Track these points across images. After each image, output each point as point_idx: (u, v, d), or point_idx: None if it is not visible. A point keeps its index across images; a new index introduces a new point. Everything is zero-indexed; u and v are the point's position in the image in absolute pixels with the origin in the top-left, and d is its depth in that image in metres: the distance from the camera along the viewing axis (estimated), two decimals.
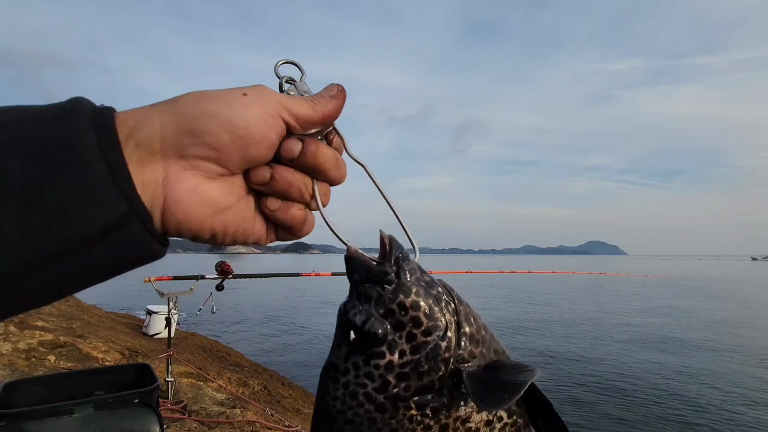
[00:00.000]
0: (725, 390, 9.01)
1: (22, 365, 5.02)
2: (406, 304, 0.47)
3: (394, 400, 0.46)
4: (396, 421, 0.46)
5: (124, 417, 2.40)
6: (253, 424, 4.44)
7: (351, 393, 0.46)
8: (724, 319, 17.90)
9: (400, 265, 0.48)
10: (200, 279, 4.84)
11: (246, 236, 0.44)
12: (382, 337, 0.46)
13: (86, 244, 0.33)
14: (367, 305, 0.47)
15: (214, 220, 0.41)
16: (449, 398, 0.47)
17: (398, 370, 0.46)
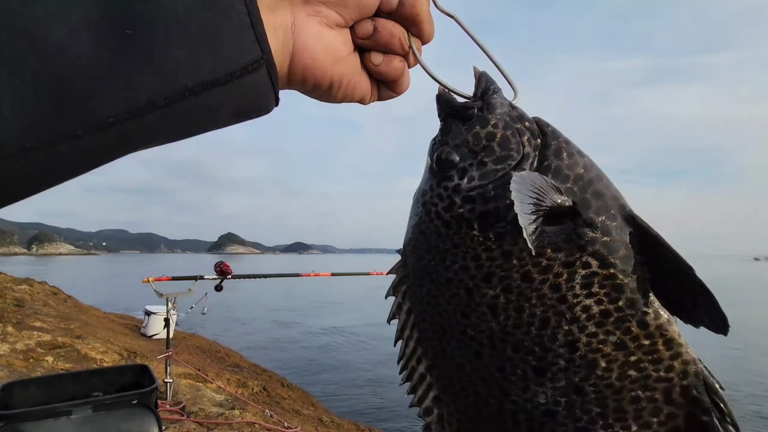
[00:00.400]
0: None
1: (20, 366, 5.00)
2: (480, 134, 0.50)
3: (458, 218, 0.49)
4: (458, 238, 0.49)
5: (122, 418, 2.39)
6: (252, 425, 4.43)
7: (426, 210, 0.52)
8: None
9: (486, 99, 0.51)
10: (199, 279, 4.83)
11: (355, 90, 0.47)
12: (453, 164, 0.50)
13: (226, 80, 0.35)
14: (446, 136, 0.52)
15: (334, 69, 0.44)
16: (516, 228, 0.44)
17: (465, 194, 0.49)
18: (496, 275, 0.48)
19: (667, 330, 0.46)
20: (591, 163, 0.49)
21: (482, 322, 0.49)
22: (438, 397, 0.54)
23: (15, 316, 6.92)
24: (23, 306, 8.05)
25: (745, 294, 31.51)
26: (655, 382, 0.46)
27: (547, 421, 0.48)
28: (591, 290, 0.45)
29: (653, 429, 0.46)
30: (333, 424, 5.86)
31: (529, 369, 0.48)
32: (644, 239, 0.46)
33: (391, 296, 0.56)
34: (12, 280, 11.01)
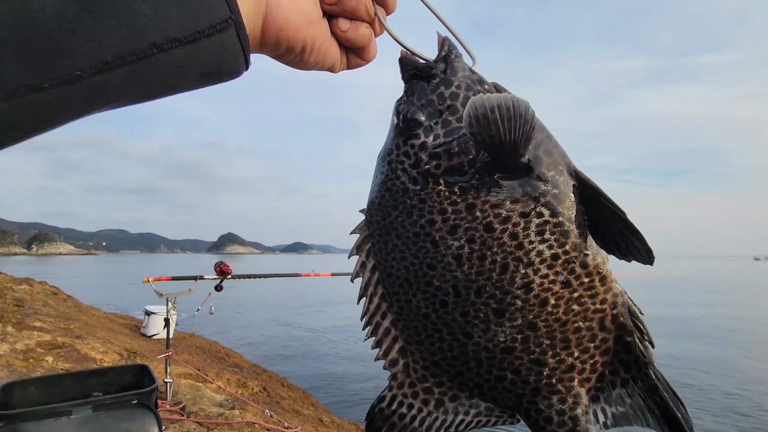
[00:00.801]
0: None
1: (20, 366, 5.00)
2: (445, 94, 0.53)
3: (425, 174, 0.53)
4: (425, 193, 0.53)
5: (122, 418, 2.39)
6: (252, 426, 4.43)
7: (392, 168, 0.55)
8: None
9: (449, 62, 0.55)
10: (199, 279, 4.82)
11: (326, 55, 0.49)
12: (419, 123, 0.53)
13: (195, 38, 0.36)
14: (411, 97, 0.55)
15: (307, 31, 0.46)
16: (479, 182, 0.51)
17: (431, 150, 0.53)
18: (461, 227, 0.52)
19: (602, 269, 0.53)
20: (542, 126, 0.53)
21: (448, 272, 0.53)
22: (403, 348, 0.58)
23: (15, 316, 6.92)
24: (23, 306, 8.05)
25: (745, 294, 31.50)
26: (593, 313, 0.53)
27: (506, 356, 0.54)
28: (544, 236, 0.51)
29: (590, 353, 0.53)
30: (333, 424, 5.86)
31: (490, 311, 0.53)
32: (586, 191, 0.52)
33: (355, 255, 0.59)
34: (12, 280, 11.01)
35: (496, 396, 0.56)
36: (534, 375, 0.53)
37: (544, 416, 0.53)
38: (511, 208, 0.51)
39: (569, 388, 0.53)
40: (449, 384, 0.57)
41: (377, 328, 0.58)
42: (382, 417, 0.58)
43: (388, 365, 0.59)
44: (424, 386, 0.58)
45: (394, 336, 0.58)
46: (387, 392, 0.59)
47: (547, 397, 0.53)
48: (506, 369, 0.54)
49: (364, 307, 0.59)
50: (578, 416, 0.53)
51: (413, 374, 0.58)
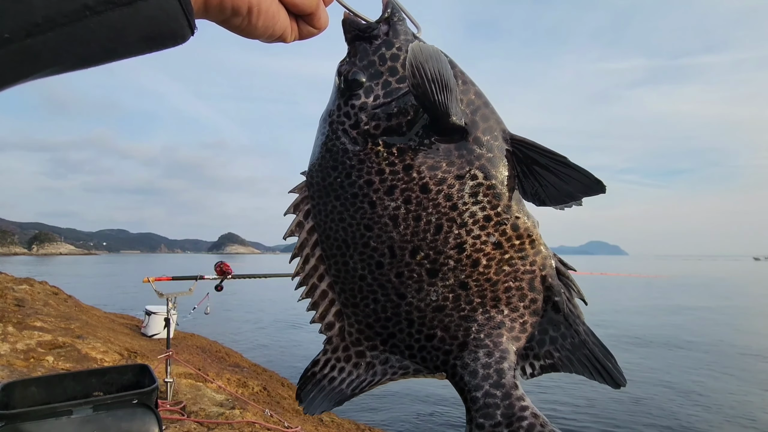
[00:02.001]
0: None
1: (21, 366, 5.00)
2: (386, 55, 0.53)
3: (364, 135, 0.53)
4: (364, 154, 0.53)
5: (122, 418, 2.39)
6: (252, 425, 4.43)
7: (333, 129, 0.55)
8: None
9: (391, 24, 0.55)
10: (199, 279, 4.83)
11: (275, 20, 0.48)
12: (360, 83, 0.53)
13: (130, 1, 0.35)
14: (354, 58, 0.55)
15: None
16: (417, 143, 0.52)
17: (371, 111, 0.53)
18: (398, 187, 0.52)
19: (532, 232, 0.54)
20: (480, 92, 0.54)
21: (384, 233, 0.53)
22: (339, 312, 0.58)
23: (15, 316, 6.92)
24: (24, 306, 8.05)
25: (746, 294, 31.48)
26: (523, 274, 0.54)
27: (437, 314, 0.54)
28: (477, 198, 0.52)
29: (520, 311, 0.54)
30: (333, 423, 5.86)
31: (423, 271, 0.53)
32: (522, 149, 0.53)
33: (291, 214, 0.58)
34: (12, 280, 11.01)
35: (426, 356, 0.56)
36: (462, 331, 0.54)
37: (470, 370, 0.53)
38: (447, 170, 0.52)
39: (497, 343, 0.53)
40: (381, 348, 0.57)
41: (313, 290, 0.58)
42: (314, 380, 0.58)
43: (324, 329, 0.59)
44: (357, 350, 0.58)
45: (331, 299, 0.58)
46: (321, 356, 0.59)
47: (474, 351, 0.53)
48: (436, 327, 0.54)
49: (298, 267, 0.58)
50: (504, 370, 0.52)
51: (348, 338, 0.58)
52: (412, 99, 0.51)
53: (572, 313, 0.55)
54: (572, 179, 0.52)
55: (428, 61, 0.48)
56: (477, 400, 0.51)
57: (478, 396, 0.52)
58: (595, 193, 0.52)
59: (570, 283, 0.56)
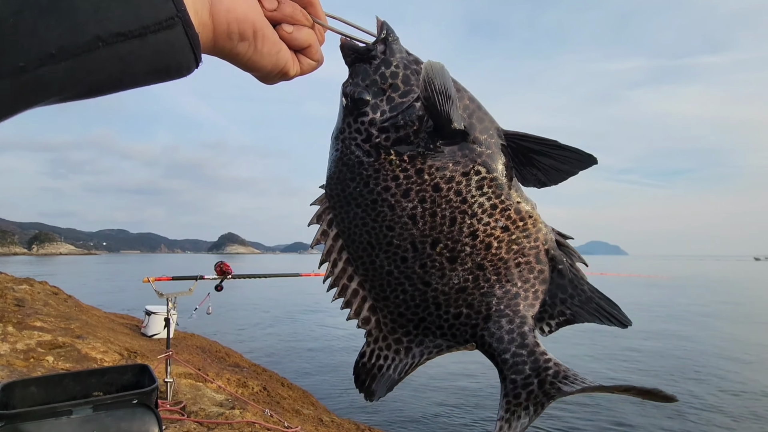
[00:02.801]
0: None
1: (21, 366, 5.00)
2: (386, 74, 0.59)
3: (377, 147, 0.59)
4: (379, 164, 0.59)
5: (122, 418, 2.39)
6: (252, 425, 4.43)
7: (346, 145, 0.60)
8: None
9: (387, 44, 0.60)
10: (199, 279, 4.82)
11: (278, 48, 0.53)
12: (365, 101, 0.59)
13: (140, 33, 0.38)
14: (356, 78, 0.60)
15: (255, 15, 0.50)
16: (425, 149, 0.58)
17: (379, 125, 0.59)
18: (413, 190, 0.59)
19: (533, 213, 0.62)
20: (473, 97, 0.61)
21: (405, 230, 0.60)
22: (372, 306, 0.65)
23: (15, 316, 6.92)
24: (24, 306, 8.05)
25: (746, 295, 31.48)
26: (529, 250, 0.62)
27: (461, 294, 0.61)
28: (482, 190, 0.59)
29: (531, 282, 0.62)
30: (333, 423, 5.86)
31: (444, 260, 0.60)
32: (516, 141, 0.61)
33: (315, 224, 0.65)
34: (12, 280, 11.01)
35: (456, 333, 0.63)
36: (485, 306, 0.61)
37: (497, 337, 0.60)
38: (453, 169, 0.59)
39: (516, 311, 0.61)
40: (415, 332, 0.64)
41: (345, 290, 0.65)
42: (365, 371, 0.65)
43: (361, 323, 0.65)
44: (394, 337, 0.65)
45: (363, 296, 0.65)
46: (366, 348, 0.66)
47: (498, 321, 0.61)
48: (461, 305, 0.62)
49: (327, 271, 0.65)
50: (525, 332, 0.60)
51: (384, 328, 0.65)
52: (416, 111, 0.58)
53: (576, 276, 0.62)
54: (567, 158, 0.60)
55: (436, 77, 0.55)
56: (507, 361, 0.59)
57: (507, 357, 0.59)
58: (589, 165, 0.60)
59: (570, 251, 0.64)
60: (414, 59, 0.61)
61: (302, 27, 0.55)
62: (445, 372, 9.58)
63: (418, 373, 0.66)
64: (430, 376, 9.21)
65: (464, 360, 10.90)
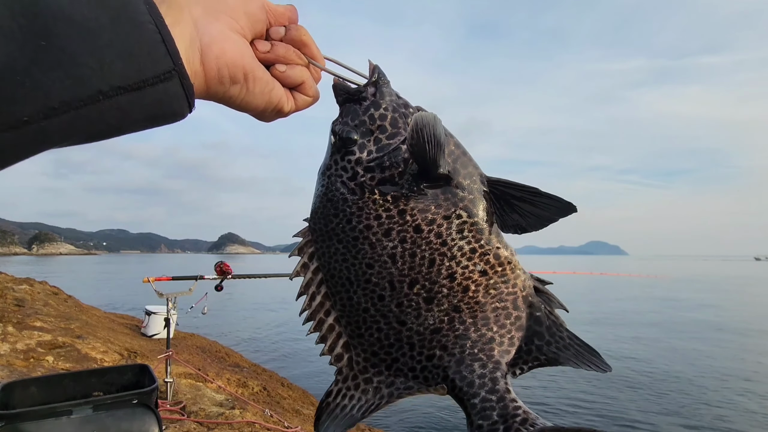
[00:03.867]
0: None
1: (21, 366, 5.00)
2: (375, 115, 0.61)
3: (361, 186, 0.60)
4: (362, 202, 0.60)
5: (122, 418, 2.39)
6: (252, 425, 4.43)
7: (331, 181, 0.62)
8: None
9: (378, 87, 0.62)
10: (199, 279, 4.82)
11: (270, 87, 0.55)
12: (353, 141, 0.61)
13: (140, 86, 0.40)
14: (346, 118, 0.62)
15: (245, 60, 0.51)
16: (408, 191, 0.60)
17: (365, 164, 0.60)
18: (395, 229, 0.60)
19: (511, 259, 0.63)
20: (458, 142, 0.63)
21: (384, 269, 0.61)
22: (347, 343, 0.65)
23: (15, 316, 6.92)
24: (24, 306, 8.06)
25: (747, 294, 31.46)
26: (507, 295, 0.62)
27: (435, 336, 0.62)
28: (463, 234, 0.60)
29: (507, 328, 0.62)
30: None
31: (421, 300, 0.61)
32: (498, 188, 0.62)
33: (296, 256, 0.66)
34: (12, 280, 11.01)
35: (428, 375, 0.62)
36: (459, 348, 0.61)
37: (468, 381, 0.60)
38: (435, 212, 0.60)
39: (490, 356, 0.61)
40: (387, 372, 0.64)
41: (321, 324, 0.66)
42: (327, 411, 0.64)
43: (333, 360, 0.65)
44: (365, 377, 0.65)
45: (338, 332, 0.66)
46: (334, 386, 0.65)
47: (470, 365, 0.60)
48: (435, 347, 0.62)
49: (305, 304, 0.65)
50: (497, 378, 0.59)
51: (356, 367, 0.65)
52: (401, 153, 0.60)
53: (554, 324, 0.63)
54: (547, 206, 0.61)
55: (426, 126, 0.57)
56: (475, 406, 0.58)
57: (476, 402, 0.58)
58: (569, 213, 0.61)
59: (549, 297, 0.64)
60: (403, 103, 0.63)
61: (295, 66, 0.57)
62: None
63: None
64: None
65: None
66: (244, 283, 5.43)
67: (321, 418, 0.64)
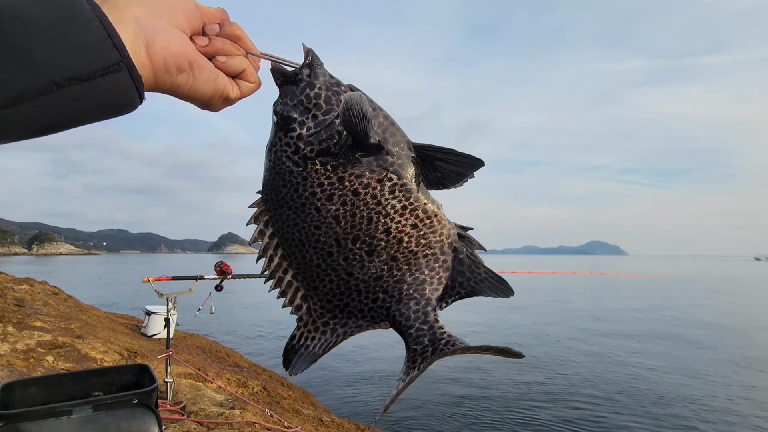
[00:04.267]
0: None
1: (21, 366, 5.00)
2: (311, 95, 0.68)
3: (304, 158, 0.68)
4: (306, 172, 0.68)
5: (122, 418, 2.39)
6: (252, 425, 4.43)
7: (278, 156, 0.70)
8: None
9: (312, 68, 0.69)
10: (199, 279, 4.82)
11: (216, 79, 0.60)
12: (293, 119, 0.68)
13: (91, 77, 0.44)
14: (285, 98, 0.69)
15: (189, 50, 0.56)
16: (345, 160, 0.68)
17: (306, 139, 0.68)
18: (336, 194, 0.69)
19: (437, 212, 0.73)
20: (387, 115, 0.71)
21: (330, 229, 0.70)
22: (304, 295, 0.75)
23: (15, 316, 6.92)
24: (24, 306, 8.05)
25: (747, 295, 31.46)
26: (435, 243, 0.73)
27: (378, 282, 0.72)
28: (395, 194, 0.70)
29: (436, 270, 0.73)
30: (333, 423, 5.86)
31: (363, 253, 0.71)
32: (422, 153, 0.71)
33: (253, 224, 0.74)
34: (12, 280, 11.01)
35: (374, 315, 0.74)
36: (398, 291, 0.72)
37: (405, 316, 0.71)
38: (369, 176, 0.69)
39: (422, 294, 0.72)
40: (340, 315, 0.75)
41: (280, 282, 0.75)
42: (294, 351, 0.75)
43: (294, 310, 0.76)
44: (322, 321, 0.76)
45: (296, 287, 0.75)
46: (296, 331, 0.76)
47: (407, 303, 0.72)
48: (378, 291, 0.73)
49: (264, 266, 0.75)
50: (429, 311, 0.71)
51: (314, 314, 0.76)
52: (335, 127, 0.68)
53: (474, 262, 0.75)
54: (461, 163, 0.71)
55: (354, 104, 0.64)
56: (411, 335, 0.70)
57: (412, 332, 0.70)
58: (478, 167, 0.71)
59: (470, 241, 0.75)
60: (336, 82, 0.70)
61: (234, 56, 0.62)
62: (445, 372, 9.58)
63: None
64: (430, 378, 9.21)
65: (464, 360, 10.90)
66: (244, 283, 5.43)
67: (290, 358, 0.75)
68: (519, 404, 7.96)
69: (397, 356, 11.40)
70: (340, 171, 0.68)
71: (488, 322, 16.95)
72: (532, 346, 12.65)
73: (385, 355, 11.35)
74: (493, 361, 10.87)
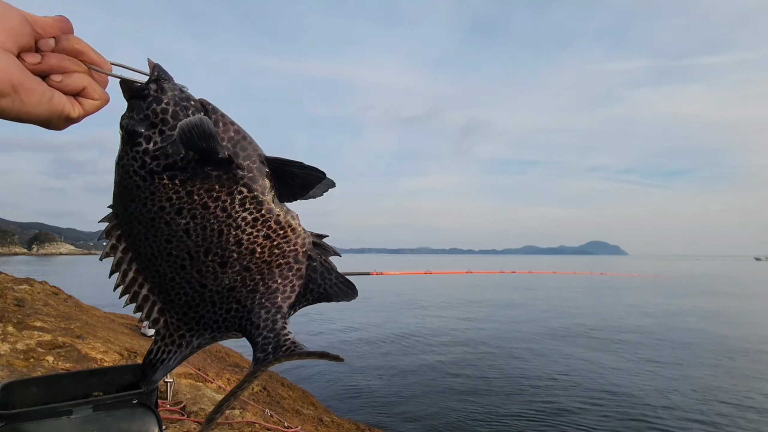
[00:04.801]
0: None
1: (21, 366, 5.00)
2: (157, 110, 0.68)
3: (151, 173, 0.68)
4: (153, 187, 0.68)
5: (122, 418, 2.39)
6: (252, 425, 4.43)
7: (125, 170, 0.69)
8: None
9: (159, 84, 0.69)
10: None
11: (50, 99, 0.55)
12: (139, 133, 0.67)
13: None
14: (132, 113, 0.68)
15: (12, 74, 0.51)
16: (193, 174, 0.67)
17: (152, 154, 0.67)
18: (185, 208, 0.69)
19: (292, 223, 0.74)
20: (239, 129, 0.71)
21: (181, 242, 0.70)
22: (161, 309, 0.76)
23: (15, 316, 6.92)
24: (24, 306, 8.05)
25: (747, 294, 31.47)
26: (288, 253, 0.74)
27: (231, 293, 0.73)
28: (245, 206, 0.70)
29: (289, 279, 0.74)
30: (333, 423, 5.86)
31: (216, 265, 0.72)
32: (274, 166, 0.71)
33: (105, 239, 0.73)
34: (12, 280, 11.00)
35: (228, 325, 0.75)
36: (250, 300, 0.73)
37: (254, 325, 0.72)
38: (219, 190, 0.69)
39: (274, 303, 0.73)
40: (196, 327, 0.76)
41: (136, 296, 0.75)
42: (151, 366, 0.76)
43: (151, 324, 0.76)
44: (179, 333, 0.76)
45: (153, 300, 0.76)
46: (154, 346, 0.77)
47: (258, 312, 0.73)
48: (232, 302, 0.73)
49: (118, 280, 0.74)
50: (277, 319, 0.72)
51: (171, 327, 0.76)
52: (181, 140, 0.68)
53: (327, 269, 0.76)
54: (307, 176, 0.72)
55: (193, 128, 0.64)
56: (258, 343, 0.71)
57: (259, 340, 0.71)
58: (321, 179, 0.71)
59: (324, 248, 0.77)
60: (185, 96, 0.70)
61: (72, 73, 0.58)
62: (444, 373, 9.58)
63: (417, 374, 0.68)
64: (429, 377, 9.21)
65: (464, 361, 10.90)
66: None
67: (147, 374, 0.76)
68: (517, 400, 7.96)
69: (398, 355, 11.41)
70: (189, 185, 0.68)
71: (488, 320, 16.95)
72: (532, 346, 12.65)
73: (389, 359, 11.34)
74: (494, 359, 10.88)
